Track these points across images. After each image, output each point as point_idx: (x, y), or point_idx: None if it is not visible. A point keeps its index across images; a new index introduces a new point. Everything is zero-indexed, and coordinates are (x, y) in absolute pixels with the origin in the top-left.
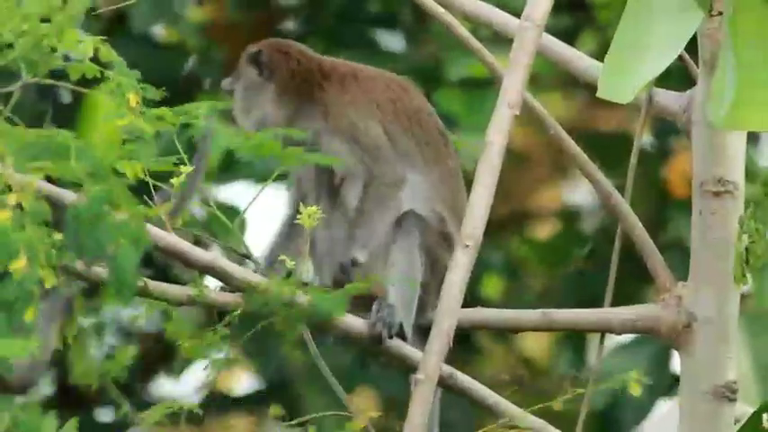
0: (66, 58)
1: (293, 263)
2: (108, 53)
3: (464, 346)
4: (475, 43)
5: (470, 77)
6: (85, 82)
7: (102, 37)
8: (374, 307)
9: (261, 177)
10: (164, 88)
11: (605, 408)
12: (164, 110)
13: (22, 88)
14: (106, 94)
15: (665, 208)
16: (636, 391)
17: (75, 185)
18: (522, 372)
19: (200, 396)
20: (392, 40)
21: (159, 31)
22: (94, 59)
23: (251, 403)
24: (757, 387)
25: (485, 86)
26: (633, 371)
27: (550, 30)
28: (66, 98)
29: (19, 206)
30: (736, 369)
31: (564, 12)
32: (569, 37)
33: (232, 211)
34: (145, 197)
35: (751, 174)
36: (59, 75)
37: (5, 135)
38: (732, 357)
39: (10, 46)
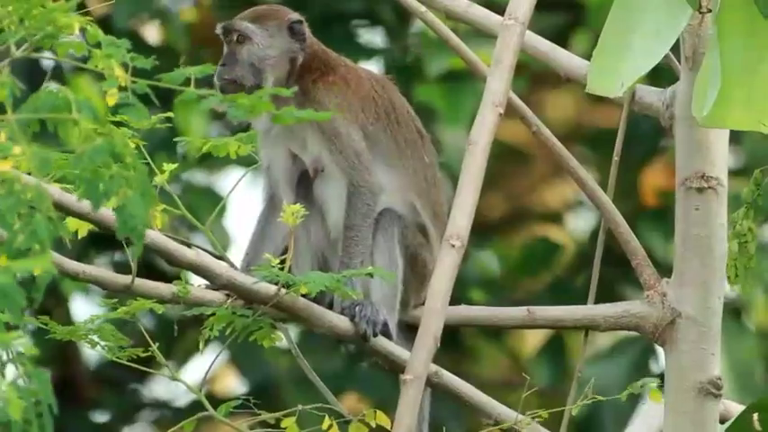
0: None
1: (276, 260)
2: (95, 33)
3: (454, 345)
4: (457, 41)
5: (449, 71)
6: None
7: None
8: (357, 306)
9: (247, 163)
10: (154, 57)
11: (588, 411)
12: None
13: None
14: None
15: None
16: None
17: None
18: (512, 371)
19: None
20: (373, 37)
21: (148, 33)
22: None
23: (238, 406)
24: (736, 386)
25: (462, 80)
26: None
27: (543, 29)
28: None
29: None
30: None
31: (555, 11)
32: (562, 36)
33: (215, 198)
34: None
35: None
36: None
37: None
38: (716, 353)
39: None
